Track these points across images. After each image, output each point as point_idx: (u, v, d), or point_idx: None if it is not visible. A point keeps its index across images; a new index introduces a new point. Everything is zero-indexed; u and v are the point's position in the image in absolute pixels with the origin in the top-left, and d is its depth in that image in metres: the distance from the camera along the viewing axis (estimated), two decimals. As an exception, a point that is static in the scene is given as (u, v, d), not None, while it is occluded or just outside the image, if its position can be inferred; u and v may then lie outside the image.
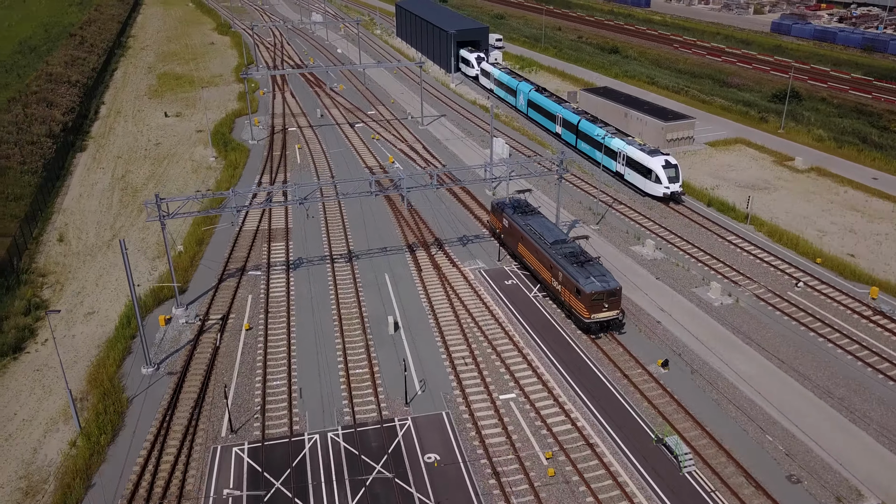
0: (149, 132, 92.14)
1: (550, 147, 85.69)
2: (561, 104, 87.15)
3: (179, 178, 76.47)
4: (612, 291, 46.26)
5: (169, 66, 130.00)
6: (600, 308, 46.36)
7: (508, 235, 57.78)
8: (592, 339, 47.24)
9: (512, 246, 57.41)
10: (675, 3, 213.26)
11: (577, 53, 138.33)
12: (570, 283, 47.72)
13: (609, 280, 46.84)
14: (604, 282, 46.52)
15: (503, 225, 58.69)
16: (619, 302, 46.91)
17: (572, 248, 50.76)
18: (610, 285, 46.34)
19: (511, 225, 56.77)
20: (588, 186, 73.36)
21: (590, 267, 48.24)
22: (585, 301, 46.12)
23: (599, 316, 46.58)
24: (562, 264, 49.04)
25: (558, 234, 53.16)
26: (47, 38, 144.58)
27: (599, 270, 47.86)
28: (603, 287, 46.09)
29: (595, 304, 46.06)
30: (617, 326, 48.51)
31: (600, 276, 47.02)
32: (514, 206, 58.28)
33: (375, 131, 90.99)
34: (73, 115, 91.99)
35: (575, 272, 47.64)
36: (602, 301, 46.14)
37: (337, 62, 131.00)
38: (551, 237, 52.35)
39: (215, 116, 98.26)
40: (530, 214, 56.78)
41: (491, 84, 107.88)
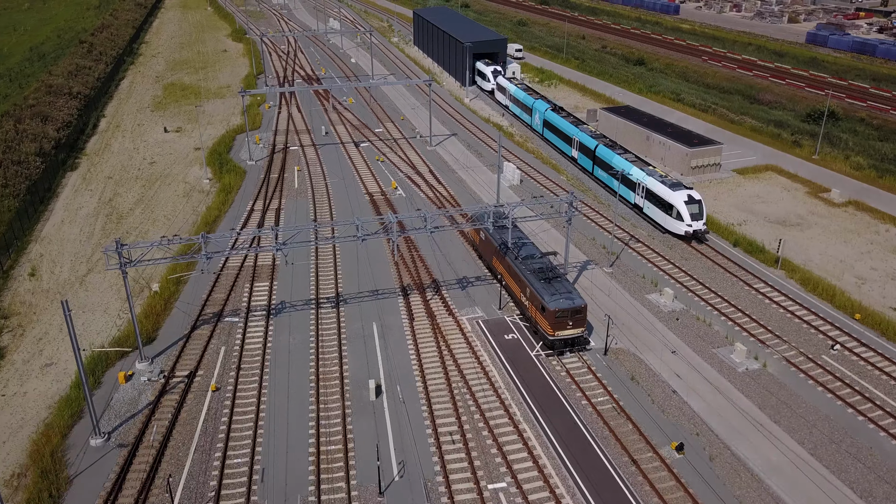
0: (145, 149, 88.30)
1: (565, 173, 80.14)
2: (578, 126, 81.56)
3: (169, 202, 72.31)
4: (577, 309, 45.75)
5: (178, 75, 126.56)
6: (564, 325, 45.92)
7: (485, 249, 57.58)
8: (598, 413, 41.81)
9: (488, 260, 57.20)
10: (706, 11, 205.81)
11: (601, 66, 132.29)
12: (536, 300, 47.45)
13: (574, 297, 46.24)
14: (569, 299, 45.98)
15: (480, 238, 58.54)
16: (584, 320, 46.35)
17: (542, 264, 50.33)
18: (575, 303, 45.77)
19: (487, 239, 56.63)
20: (603, 220, 67.73)
21: (556, 283, 47.72)
22: (549, 318, 45.72)
23: (563, 333, 46.14)
24: (529, 280, 48.64)
25: (530, 249, 52.73)
26: (58, 44, 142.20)
27: (566, 287, 47.37)
28: (567, 305, 45.60)
29: (559, 321, 45.65)
30: (582, 344, 47.76)
31: (566, 294, 46.54)
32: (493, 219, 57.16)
33: (381, 152, 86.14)
34: (68, 131, 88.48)
35: (541, 288, 47.22)
36: (566, 319, 45.72)
37: (350, 73, 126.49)
38: (523, 252, 51.92)
39: (216, 132, 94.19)
40: (506, 228, 55.88)
41: (506, 100, 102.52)
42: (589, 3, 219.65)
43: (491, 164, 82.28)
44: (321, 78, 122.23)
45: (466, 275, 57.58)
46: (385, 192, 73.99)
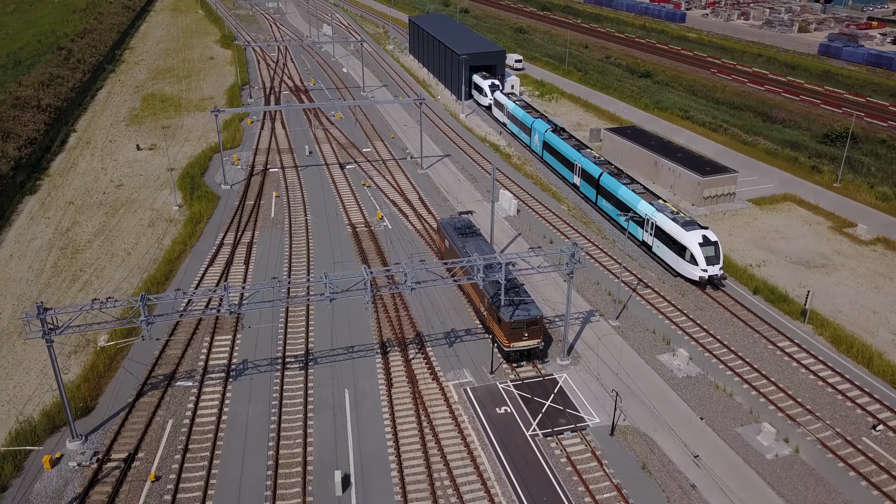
0: (114, 169, 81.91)
1: (566, 202, 73.75)
2: (581, 150, 75.20)
3: (132, 233, 65.93)
4: (533, 321, 45.49)
5: (159, 84, 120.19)
6: (520, 337, 45.62)
7: (449, 256, 56.66)
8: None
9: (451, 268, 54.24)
10: (713, 19, 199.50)
11: (605, 78, 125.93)
12: (493, 311, 47.26)
13: (530, 309, 45.91)
14: (524, 310, 45.74)
15: (445, 246, 57.75)
16: (540, 331, 46.04)
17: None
18: (530, 314, 45.48)
19: (451, 246, 55.81)
20: (608, 260, 61.32)
21: (513, 294, 47.20)
22: (505, 329, 45.47)
23: (519, 345, 45.81)
24: (487, 291, 48.22)
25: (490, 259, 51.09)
26: (37, 49, 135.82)
27: (523, 298, 46.89)
28: (523, 316, 45.34)
29: (515, 332, 45.41)
30: (538, 356, 47.46)
31: (522, 305, 46.21)
32: (457, 227, 57.55)
33: (368, 176, 79.73)
34: (31, 149, 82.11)
35: (498, 299, 46.71)
36: (522, 330, 45.44)
37: (340, 84, 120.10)
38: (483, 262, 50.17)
39: (193, 150, 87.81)
40: (470, 236, 55.82)
41: (504, 117, 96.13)
42: (592, 9, 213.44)
43: (487, 191, 75.91)
44: (310, 89, 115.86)
45: (455, 327, 51.19)
46: (369, 224, 67.59)
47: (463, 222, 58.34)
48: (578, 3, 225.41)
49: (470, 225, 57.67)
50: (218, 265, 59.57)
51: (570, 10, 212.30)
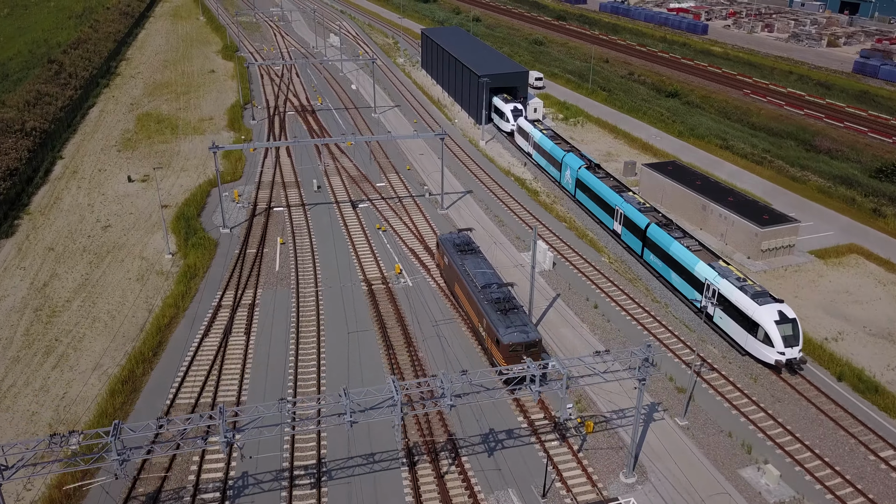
0: (102, 206, 74.03)
1: (607, 253, 65.82)
2: (622, 194, 67.29)
3: (118, 290, 58.04)
4: (532, 343, 44.90)
5: (155, 101, 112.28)
6: (518, 359, 44.75)
7: (448, 275, 56.50)
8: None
9: (451, 286, 56.39)
10: (735, 31, 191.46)
11: (630, 98, 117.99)
12: (491, 332, 46.72)
13: (529, 331, 45.38)
14: (523, 333, 45.18)
15: (444, 262, 57.24)
16: (538, 354, 45.43)
17: (500, 295, 49.19)
18: (529, 337, 44.93)
19: (450, 264, 55.41)
20: (663, 332, 53.33)
21: (512, 315, 46.92)
22: (503, 351, 44.94)
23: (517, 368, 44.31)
24: (486, 311, 47.81)
25: (490, 277, 51.72)
26: (28, 61, 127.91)
27: (521, 320, 46.46)
28: (521, 339, 44.78)
29: (513, 355, 44.80)
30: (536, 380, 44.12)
31: (521, 327, 45.69)
32: (456, 243, 56.93)
33: (383, 217, 71.81)
34: (10, 183, 74.26)
35: (496, 320, 46.48)
36: (520, 352, 44.71)
37: (349, 102, 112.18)
38: (482, 281, 51.07)
39: (190, 182, 79.95)
40: (469, 254, 55.42)
41: (529, 147, 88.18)
42: (608, 18, 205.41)
43: (517, 237, 67.97)
44: (317, 109, 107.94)
45: (494, 426, 43.30)
46: (387, 280, 59.68)
47: (462, 239, 57.72)
48: (594, 12, 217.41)
49: (469, 242, 57.30)
50: (214, 335, 51.66)
51: (586, 19, 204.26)
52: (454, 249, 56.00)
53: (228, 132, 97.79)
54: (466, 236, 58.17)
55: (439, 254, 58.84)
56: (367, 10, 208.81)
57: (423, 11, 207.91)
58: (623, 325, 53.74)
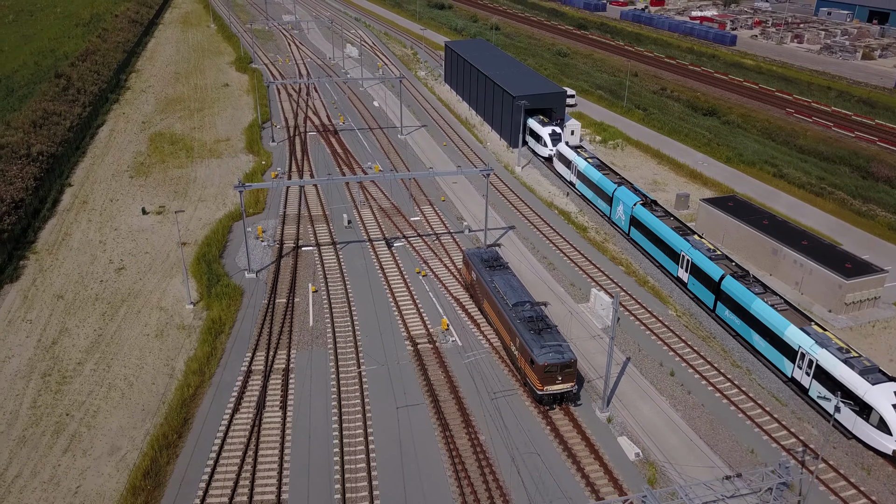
0: (115, 243, 68.06)
1: (672, 304, 59.67)
2: (686, 237, 61.18)
3: (135, 349, 52.05)
4: (567, 364, 44.72)
5: (168, 119, 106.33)
6: (553, 380, 44.83)
7: (476, 290, 56.48)
8: None
9: (479, 302, 56.17)
10: (763, 41, 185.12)
11: (667, 117, 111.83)
12: (525, 352, 46.34)
13: (564, 352, 45.12)
14: (558, 353, 44.88)
15: (472, 278, 57.08)
16: (573, 374, 45.20)
17: (532, 314, 48.80)
18: (564, 357, 44.72)
19: (478, 279, 55.21)
20: (750, 405, 47.15)
21: (546, 335, 46.54)
22: (538, 372, 44.63)
23: (552, 388, 45.09)
24: (519, 330, 47.50)
25: (521, 295, 51.36)
26: (34, 74, 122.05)
27: (556, 340, 46.15)
28: (557, 359, 44.56)
29: (548, 375, 44.61)
30: (571, 399, 46.49)
31: (556, 347, 45.36)
32: (484, 259, 56.85)
33: (421, 258, 65.73)
34: (15, 217, 68.35)
35: (530, 340, 46.15)
36: (555, 373, 44.68)
37: (373, 121, 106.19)
38: (513, 298, 50.69)
39: (209, 215, 74.00)
40: (498, 269, 55.17)
41: (571, 176, 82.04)
42: (630, 27, 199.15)
43: (571, 284, 61.83)
44: (339, 129, 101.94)
45: (576, 534, 37.25)
46: (434, 338, 53.61)
47: (490, 254, 57.50)
48: (614, 20, 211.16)
49: (497, 257, 57.13)
50: (246, 409, 45.64)
51: (607, 27, 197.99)
52: (482, 265, 55.81)
53: (246, 155, 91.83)
54: (494, 251, 58.05)
55: (466, 269, 58.98)
56: (382, 17, 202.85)
57: (439, 19, 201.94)
58: (706, 399, 47.60)
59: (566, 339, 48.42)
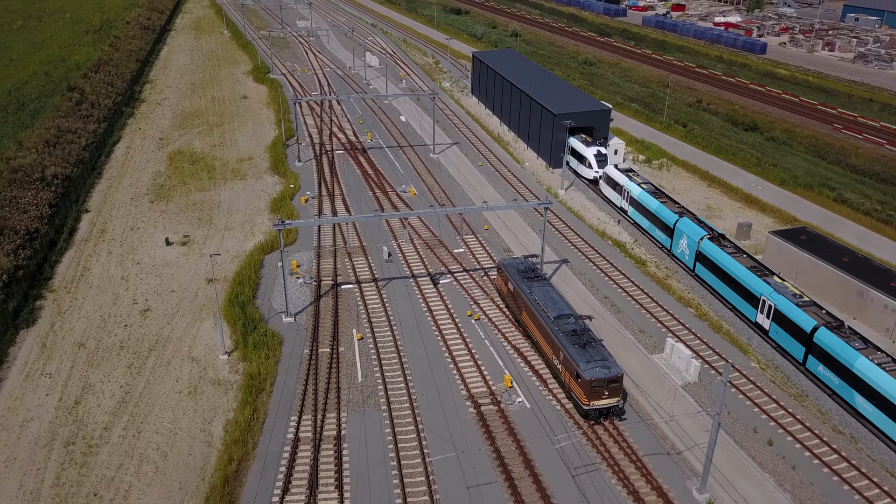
0: (138, 280, 62.83)
1: (753, 354, 54.28)
2: (766, 279, 55.77)
3: (166, 412, 46.79)
4: (613, 379, 44.15)
5: (187, 136, 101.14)
6: (600, 395, 44.33)
7: (513, 301, 55.89)
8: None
9: (516, 313, 55.66)
10: (793, 49, 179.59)
11: (708, 133, 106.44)
12: (570, 366, 45.76)
13: (611, 366, 44.53)
14: (605, 368, 44.31)
15: (508, 289, 56.59)
16: (619, 389, 44.59)
17: (575, 327, 48.61)
18: (611, 372, 44.19)
19: (515, 291, 54.81)
20: (863, 482, 41.75)
21: (591, 350, 46.16)
22: (585, 387, 44.19)
23: (599, 403, 44.55)
24: (563, 344, 47.14)
25: (563, 307, 51.05)
26: (45, 84, 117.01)
27: (601, 354, 45.73)
28: (604, 374, 43.99)
29: (595, 391, 44.10)
30: (617, 413, 45.96)
31: (602, 362, 44.83)
32: (521, 269, 56.42)
33: (471, 298, 60.37)
34: (30, 250, 63.16)
35: (576, 355, 45.68)
36: (602, 388, 44.13)
37: (402, 138, 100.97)
38: (554, 311, 50.35)
39: (238, 246, 68.81)
40: (536, 281, 54.77)
41: (623, 202, 76.62)
42: (654, 34, 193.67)
43: (641, 331, 56.42)
44: (367, 147, 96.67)
45: None
46: (497, 397, 48.29)
47: (527, 265, 57.11)
48: (636, 26, 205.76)
49: (535, 268, 56.74)
50: (297, 489, 40.33)
51: (630, 34, 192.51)
52: (520, 276, 55.29)
53: (272, 176, 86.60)
54: (531, 262, 57.61)
55: (501, 279, 58.13)
56: (398, 23, 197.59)
57: (456, 25, 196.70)
58: (814, 475, 42.18)
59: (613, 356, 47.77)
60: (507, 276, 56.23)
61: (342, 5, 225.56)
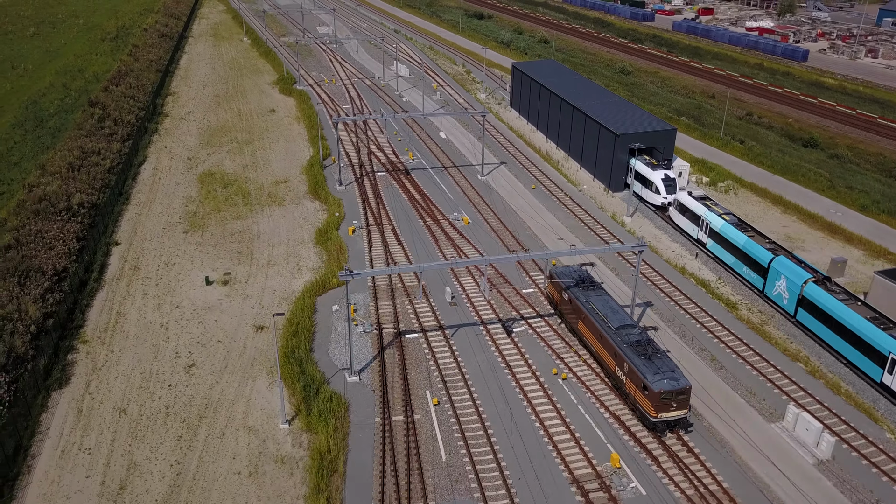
0: (178, 327, 56.59)
1: (884, 421, 47.74)
2: (890, 332, 49.29)
3: (225, 499, 40.48)
4: (682, 391, 43.45)
5: (216, 155, 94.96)
6: (668, 407, 43.55)
7: (568, 311, 54.78)
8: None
9: (571, 322, 54.49)
10: (833, 56, 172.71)
11: (768, 151, 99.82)
12: (636, 378, 45.01)
13: (679, 378, 43.87)
14: (673, 380, 43.59)
15: (562, 298, 55.72)
16: (687, 401, 43.92)
17: (640, 338, 47.75)
18: (680, 384, 43.46)
19: (571, 300, 53.75)
20: None
21: (658, 361, 45.33)
22: (653, 399, 43.41)
23: (667, 415, 43.77)
24: (628, 355, 46.28)
25: (623, 317, 50.14)
26: (64, 98, 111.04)
27: (668, 366, 44.94)
28: (672, 386, 43.24)
29: (663, 403, 43.30)
30: (684, 425, 45.15)
31: (669, 373, 44.06)
32: (576, 278, 55.46)
33: (552, 351, 53.95)
34: (59, 294, 56.96)
35: (642, 366, 44.87)
36: (671, 400, 43.37)
37: (445, 157, 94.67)
38: (616, 321, 49.47)
39: (283, 284, 62.56)
40: (592, 290, 53.89)
41: (699, 233, 70.08)
42: (686, 39, 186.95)
43: (750, 392, 49.87)
44: (410, 169, 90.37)
45: None
46: (605, 480, 41.90)
47: (581, 273, 56.39)
48: (667, 32, 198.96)
49: (589, 277, 56.12)
50: None
51: (661, 40, 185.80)
52: (575, 286, 54.58)
53: (312, 201, 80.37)
54: (585, 271, 56.94)
55: (553, 287, 57.54)
56: (422, 28, 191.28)
57: (481, 30, 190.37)
58: None
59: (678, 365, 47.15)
60: (560, 284, 55.55)
61: (362, 10, 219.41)
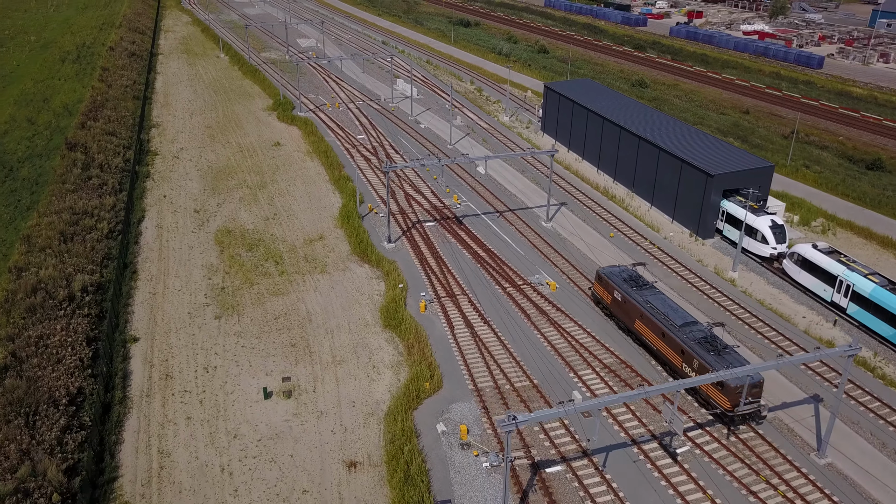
0: (245, 473, 43.02)
1: None
2: None
3: None
4: (756, 384, 44.20)
5: (227, 204, 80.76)
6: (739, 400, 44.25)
7: (621, 310, 55.11)
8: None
9: (626, 321, 54.77)
10: (845, 62, 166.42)
11: (836, 177, 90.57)
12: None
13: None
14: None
15: (613, 297, 55.96)
16: (760, 393, 44.76)
17: (705, 334, 48.64)
18: (754, 378, 44.01)
19: (626, 299, 54.27)
20: None
21: (728, 356, 46.31)
22: (729, 394, 44.35)
23: (742, 409, 44.13)
24: (697, 352, 46.91)
25: (684, 315, 51.24)
26: (33, 137, 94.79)
27: (739, 360, 45.90)
28: (747, 380, 43.68)
29: (737, 396, 43.93)
30: (757, 417, 46.24)
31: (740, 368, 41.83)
32: (627, 278, 55.95)
33: (698, 488, 42.42)
34: (80, 433, 42.87)
35: (714, 362, 45.63)
36: (746, 394, 43.78)
37: (494, 200, 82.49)
38: (679, 319, 50.45)
39: (362, 393, 49.52)
40: (646, 289, 54.57)
41: (835, 294, 59.54)
42: (692, 47, 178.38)
43: None
44: (460, 216, 77.86)
45: None
46: None
47: (631, 273, 56.60)
48: (665, 38, 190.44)
49: (640, 276, 56.12)
50: None
51: (663, 47, 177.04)
52: (628, 286, 54.97)
53: (360, 265, 67.29)
54: (634, 271, 57.03)
55: (602, 288, 57.62)
56: (410, 39, 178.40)
57: (472, 40, 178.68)
58: None
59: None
60: (612, 284, 56.01)
61: (347, 22, 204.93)
